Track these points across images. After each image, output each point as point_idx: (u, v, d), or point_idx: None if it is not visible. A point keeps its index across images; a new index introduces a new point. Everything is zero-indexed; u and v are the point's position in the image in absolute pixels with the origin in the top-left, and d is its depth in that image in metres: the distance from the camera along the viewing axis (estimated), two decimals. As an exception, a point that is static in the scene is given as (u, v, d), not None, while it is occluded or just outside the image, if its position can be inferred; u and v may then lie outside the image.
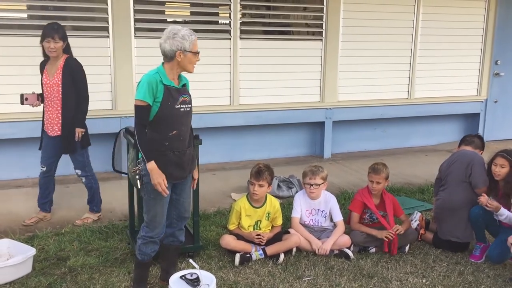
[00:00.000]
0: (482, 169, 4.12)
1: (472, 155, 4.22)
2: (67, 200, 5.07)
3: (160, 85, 3.05)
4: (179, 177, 3.20)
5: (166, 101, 3.06)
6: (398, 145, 7.57)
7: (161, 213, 3.19)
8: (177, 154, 3.14)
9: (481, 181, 4.07)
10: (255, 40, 6.39)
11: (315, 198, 4.19)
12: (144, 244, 3.23)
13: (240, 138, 6.61)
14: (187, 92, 3.20)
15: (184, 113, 3.15)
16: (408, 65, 7.34)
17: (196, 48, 3.10)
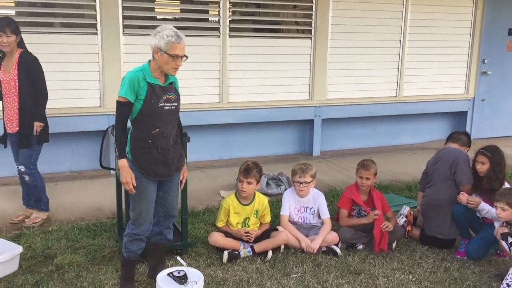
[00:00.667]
0: (466, 166, 4.16)
1: (457, 153, 4.27)
2: (55, 198, 5.02)
3: (142, 83, 3.05)
4: (163, 174, 3.20)
5: (149, 99, 3.05)
6: (386, 143, 7.62)
7: (146, 210, 3.18)
8: (161, 152, 3.14)
9: (465, 178, 4.12)
10: (244, 37, 6.39)
11: (304, 195, 4.21)
12: (130, 242, 3.23)
13: (229, 136, 6.61)
14: (173, 90, 3.18)
15: (168, 111, 3.13)
16: (396, 63, 7.38)
17: (175, 51, 3.00)
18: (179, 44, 3.02)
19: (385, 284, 3.58)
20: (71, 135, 5.77)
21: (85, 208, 4.80)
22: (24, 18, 5.51)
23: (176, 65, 3.06)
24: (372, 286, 3.55)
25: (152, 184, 3.18)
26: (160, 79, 3.13)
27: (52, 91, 5.50)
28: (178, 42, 3.01)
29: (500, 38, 8.01)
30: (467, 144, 4.50)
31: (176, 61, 3.04)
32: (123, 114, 3.07)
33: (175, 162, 3.26)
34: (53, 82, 5.50)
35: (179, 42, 3.02)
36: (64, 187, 5.37)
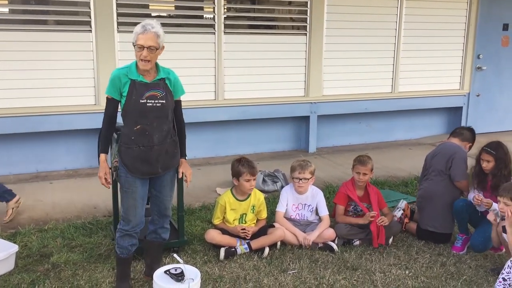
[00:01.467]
0: (462, 162, 4.18)
1: (455, 148, 4.27)
2: (50, 196, 5.02)
3: (125, 79, 3.06)
4: (146, 172, 3.16)
5: (131, 96, 3.05)
6: (382, 139, 7.63)
7: (133, 206, 3.17)
8: (142, 149, 3.11)
9: (459, 174, 4.15)
10: (239, 34, 6.37)
11: (303, 192, 4.21)
12: (121, 237, 3.23)
13: (225, 133, 6.60)
14: (160, 87, 3.10)
15: (152, 108, 3.07)
16: (391, 59, 7.38)
17: (139, 41, 2.96)
18: (143, 34, 2.96)
19: (381, 279, 3.59)
20: (66, 133, 5.74)
21: (81, 206, 4.78)
22: (18, 15, 5.47)
23: (142, 56, 2.98)
24: (369, 281, 3.56)
25: (138, 180, 3.15)
26: (146, 75, 3.09)
27: (46, 89, 5.55)
28: (142, 32, 2.97)
29: (494, 33, 8.03)
30: (469, 139, 4.44)
31: (141, 51, 2.97)
32: (107, 111, 3.15)
33: (161, 161, 3.18)
34: (47, 80, 5.52)
35: (143, 32, 2.97)
36: (59, 186, 5.35)
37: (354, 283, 3.54)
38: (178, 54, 5.91)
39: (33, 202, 4.85)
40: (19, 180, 5.50)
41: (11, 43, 5.31)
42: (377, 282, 3.55)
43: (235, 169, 3.96)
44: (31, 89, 5.46)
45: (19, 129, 5.45)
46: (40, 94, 5.51)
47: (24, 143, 5.63)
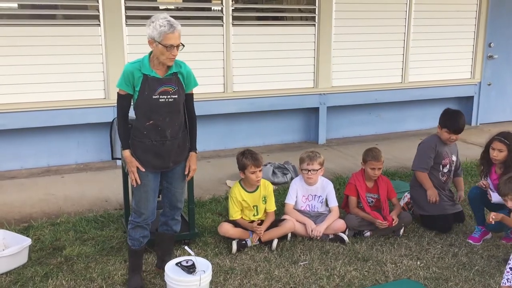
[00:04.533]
0: (420, 153, 4.33)
1: (425, 138, 4.43)
2: (62, 190, 5.06)
3: (138, 74, 3.04)
4: (158, 166, 3.18)
5: (143, 91, 3.04)
6: (392, 130, 7.58)
7: (145, 199, 3.19)
8: (155, 144, 3.12)
9: (415, 163, 4.34)
10: (247, 26, 6.35)
11: (312, 183, 4.20)
12: (132, 229, 3.25)
13: (234, 125, 6.60)
14: (172, 82, 3.09)
15: (164, 104, 3.07)
16: (401, 49, 7.32)
17: (169, 41, 2.92)
18: (173, 34, 2.93)
19: (393, 270, 3.59)
20: (77, 127, 5.78)
21: (93, 199, 4.81)
22: (26, 10, 5.49)
23: (171, 55, 2.99)
24: (380, 272, 3.56)
25: (150, 174, 3.17)
26: (158, 70, 3.07)
27: (56, 84, 5.57)
28: (171, 31, 2.92)
29: (506, 21, 7.92)
30: (441, 123, 4.34)
31: (171, 51, 2.96)
32: (121, 105, 3.12)
33: (173, 155, 3.20)
34: (57, 74, 5.55)
35: (173, 32, 2.93)
36: (71, 179, 5.39)
37: (365, 274, 3.53)
38: (186, 47, 5.78)
39: (45, 196, 4.90)
40: (31, 174, 5.55)
41: (21, 38, 5.33)
42: (388, 273, 3.55)
43: (240, 163, 3.96)
44: (41, 83, 5.49)
45: (30, 124, 5.49)
46: (50, 89, 5.54)
47: (35, 137, 5.67)
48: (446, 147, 4.32)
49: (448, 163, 4.31)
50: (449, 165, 4.32)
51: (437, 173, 4.30)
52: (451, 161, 4.34)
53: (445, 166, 4.31)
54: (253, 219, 4.02)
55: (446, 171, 4.32)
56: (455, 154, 4.41)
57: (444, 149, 4.30)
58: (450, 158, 4.32)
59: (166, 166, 3.21)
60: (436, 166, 4.30)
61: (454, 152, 4.41)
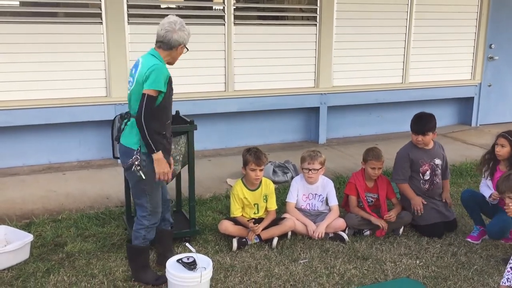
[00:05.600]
0: (395, 164, 4.35)
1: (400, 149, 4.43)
2: (63, 187, 5.08)
3: (169, 74, 3.15)
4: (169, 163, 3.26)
5: (170, 91, 3.16)
6: (392, 130, 7.60)
7: (160, 198, 3.32)
8: (169, 141, 3.25)
9: (393, 175, 4.37)
10: (249, 25, 6.37)
11: (313, 182, 4.22)
12: (149, 233, 3.29)
13: (235, 124, 6.62)
14: None
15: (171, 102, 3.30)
16: (402, 49, 7.34)
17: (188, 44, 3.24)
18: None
19: (392, 269, 3.61)
20: (78, 125, 5.79)
21: (94, 196, 4.83)
22: (28, 8, 5.50)
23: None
24: (379, 271, 3.58)
25: None
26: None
27: (58, 81, 5.60)
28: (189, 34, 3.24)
29: (507, 23, 7.94)
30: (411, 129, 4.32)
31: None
32: (152, 107, 3.04)
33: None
34: (58, 72, 5.57)
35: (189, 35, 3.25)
36: (72, 177, 5.41)
37: (365, 272, 3.56)
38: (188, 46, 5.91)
39: (47, 192, 4.92)
40: (32, 171, 5.57)
41: (22, 35, 5.35)
42: (387, 271, 3.57)
43: (244, 158, 4.02)
44: (43, 81, 5.51)
45: (32, 121, 5.51)
46: (52, 86, 5.55)
47: (37, 134, 5.69)
48: (424, 152, 4.26)
49: (428, 170, 4.24)
50: (430, 171, 4.24)
51: (417, 182, 4.25)
52: (432, 166, 4.25)
53: (425, 173, 4.24)
54: (253, 217, 4.05)
55: (428, 178, 4.24)
56: (439, 157, 4.31)
57: (420, 155, 4.25)
58: (429, 163, 4.25)
59: (170, 162, 3.27)
60: (414, 174, 4.26)
61: (437, 155, 4.31)
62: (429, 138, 4.24)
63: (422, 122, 4.28)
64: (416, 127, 4.25)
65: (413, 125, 4.30)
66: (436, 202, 4.26)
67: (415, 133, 4.25)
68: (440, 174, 4.31)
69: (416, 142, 4.26)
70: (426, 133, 4.21)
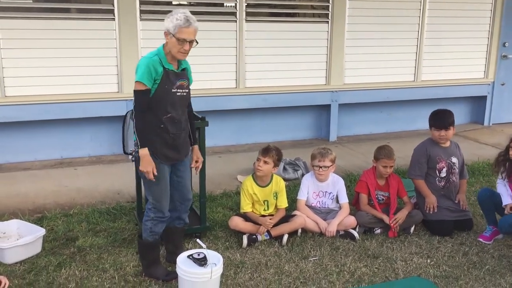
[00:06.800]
0: (412, 159, 4.32)
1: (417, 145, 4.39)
2: (75, 182, 5.11)
3: (160, 68, 3.06)
4: (174, 158, 3.24)
5: (164, 85, 3.07)
6: (404, 128, 7.55)
7: (165, 193, 3.26)
8: (172, 136, 3.17)
9: (409, 171, 4.33)
10: (261, 22, 6.36)
11: (323, 180, 4.21)
12: (155, 225, 3.28)
13: (246, 121, 6.62)
14: (185, 76, 3.22)
15: (180, 98, 3.17)
16: (415, 47, 7.29)
17: (182, 35, 2.98)
18: (188, 29, 2.99)
19: (403, 267, 3.59)
20: (90, 121, 5.83)
21: (105, 192, 4.86)
22: (40, 4, 5.54)
23: (183, 50, 3.04)
24: (390, 269, 3.56)
25: (166, 167, 3.23)
26: (174, 64, 3.15)
27: (70, 77, 5.63)
28: (186, 26, 2.98)
29: (521, 21, 7.85)
30: (429, 124, 4.32)
31: (183, 45, 3.01)
32: (141, 101, 3.07)
33: (185, 147, 3.31)
34: (71, 68, 5.60)
35: (188, 26, 2.98)
36: (83, 172, 5.44)
37: (375, 270, 3.54)
38: (199, 42, 5.91)
39: (58, 187, 4.95)
40: (44, 166, 5.61)
41: (34, 31, 5.39)
42: (398, 270, 3.55)
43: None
44: (55, 76, 5.54)
45: (44, 116, 5.56)
46: (64, 82, 5.59)
47: (49, 130, 5.73)
48: (441, 150, 4.24)
49: (444, 167, 4.21)
50: (446, 169, 4.21)
51: (433, 179, 4.22)
52: (449, 164, 4.22)
53: (441, 171, 4.21)
54: (263, 214, 4.05)
55: (444, 175, 4.21)
56: (456, 156, 4.27)
57: (438, 152, 4.22)
58: (446, 161, 4.21)
59: (180, 158, 3.28)
60: (431, 171, 4.22)
61: (454, 154, 4.28)
62: (451, 132, 4.22)
63: (443, 117, 4.25)
64: (439, 122, 4.21)
65: (435, 121, 4.25)
66: (450, 202, 4.23)
67: (438, 128, 4.20)
68: (457, 173, 4.27)
69: (438, 137, 4.21)
70: (449, 127, 4.19)
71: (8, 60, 5.35)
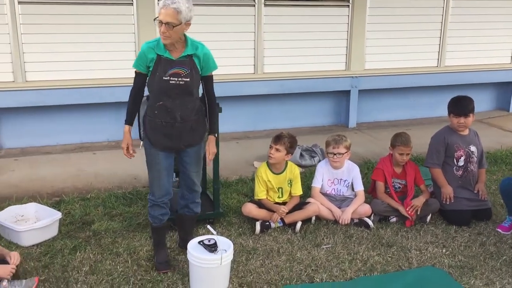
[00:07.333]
0: (430, 147, 4.21)
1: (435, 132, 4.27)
2: (93, 166, 5.18)
3: (152, 55, 3.03)
4: (167, 146, 3.18)
5: (155, 72, 3.04)
6: (426, 115, 7.40)
7: (157, 178, 3.23)
8: (164, 124, 3.12)
9: (426, 160, 4.22)
10: (280, 6, 6.28)
11: (338, 167, 4.17)
12: (150, 207, 3.31)
13: (264, 107, 6.58)
14: (185, 64, 3.05)
15: (175, 86, 3.04)
16: (438, 31, 7.11)
17: (159, 17, 2.90)
18: (164, 9, 2.89)
19: (417, 257, 3.54)
20: (107, 105, 5.87)
21: (122, 176, 4.91)
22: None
23: (160, 32, 2.94)
24: (404, 258, 3.52)
25: (161, 152, 3.18)
26: (173, 51, 3.04)
27: (89, 62, 5.67)
28: (162, 6, 2.90)
29: (551, 3, 7.57)
30: (448, 111, 4.20)
31: (160, 27, 2.92)
32: (135, 84, 3.17)
33: (185, 137, 3.17)
34: (90, 53, 5.64)
35: (163, 7, 2.89)
36: (102, 156, 5.51)
37: (389, 259, 3.50)
38: (217, 27, 5.91)
39: (77, 171, 5.03)
40: (64, 150, 5.71)
41: (54, 16, 5.44)
42: (412, 259, 3.50)
43: None
44: (75, 61, 5.60)
45: (64, 101, 5.63)
46: (84, 67, 5.65)
47: (69, 114, 5.82)
48: (459, 138, 4.13)
49: (462, 155, 4.10)
50: (464, 157, 4.11)
51: (450, 168, 4.12)
52: (467, 152, 4.12)
53: (459, 159, 4.11)
54: (277, 201, 4.03)
55: (462, 164, 4.11)
56: (474, 145, 4.16)
57: (456, 140, 4.11)
58: (465, 149, 4.11)
59: (176, 147, 3.21)
60: (448, 160, 4.12)
61: (473, 142, 4.17)
62: (470, 120, 4.11)
63: (463, 103, 4.13)
64: (458, 109, 4.11)
65: (454, 108, 4.14)
66: (468, 192, 4.14)
67: (457, 115, 4.10)
68: (475, 162, 4.16)
69: (457, 125, 4.11)
70: (469, 114, 4.08)
71: (29, 45, 5.42)
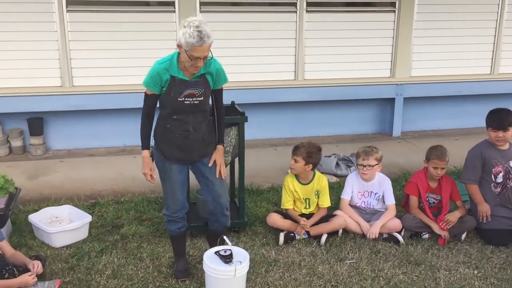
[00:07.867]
0: (466, 162, 4.02)
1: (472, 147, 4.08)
2: (132, 170, 5.30)
3: (166, 76, 2.99)
4: (182, 158, 3.19)
5: (169, 92, 3.01)
6: (476, 124, 7.00)
7: (171, 192, 3.24)
8: (178, 137, 3.12)
9: (462, 175, 4.05)
10: (322, 13, 6.20)
11: (368, 179, 4.06)
12: (167, 222, 3.34)
13: (304, 114, 6.51)
14: (199, 85, 3.04)
15: (189, 106, 3.04)
16: (492, 37, 6.77)
17: (194, 53, 2.82)
18: (201, 47, 2.80)
19: (445, 277, 3.38)
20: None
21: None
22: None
23: (196, 65, 2.90)
24: (431, 278, 3.37)
25: (174, 166, 3.19)
26: (186, 72, 3.01)
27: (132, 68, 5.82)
28: (199, 44, 2.79)
29: None
30: (486, 124, 4.00)
31: (195, 62, 2.88)
32: (147, 105, 3.09)
33: (198, 148, 3.18)
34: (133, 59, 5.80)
35: (201, 45, 2.79)
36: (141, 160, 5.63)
37: (414, 279, 3.36)
38: (258, 34, 5.91)
39: (117, 174, 5.19)
40: (108, 153, 5.91)
41: (99, 23, 5.64)
42: (439, 280, 3.35)
43: None
44: (119, 68, 5.78)
45: (105, 106, 5.83)
46: (127, 73, 5.79)
47: (113, 118, 6.00)
48: (498, 153, 3.91)
49: (501, 171, 3.88)
50: (503, 173, 3.89)
51: (488, 184, 3.91)
52: (506, 168, 3.89)
53: (498, 175, 3.89)
54: (304, 212, 3.98)
55: (501, 181, 3.89)
56: None
57: (494, 155, 3.90)
58: (503, 165, 3.89)
59: (190, 159, 3.22)
60: (486, 176, 3.91)
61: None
62: (510, 134, 3.89)
63: (502, 116, 3.91)
64: (496, 122, 3.90)
65: (492, 121, 3.95)
66: (508, 210, 3.90)
67: (495, 129, 3.90)
68: None
69: (496, 139, 3.90)
70: (508, 128, 3.86)
71: (76, 51, 5.65)
